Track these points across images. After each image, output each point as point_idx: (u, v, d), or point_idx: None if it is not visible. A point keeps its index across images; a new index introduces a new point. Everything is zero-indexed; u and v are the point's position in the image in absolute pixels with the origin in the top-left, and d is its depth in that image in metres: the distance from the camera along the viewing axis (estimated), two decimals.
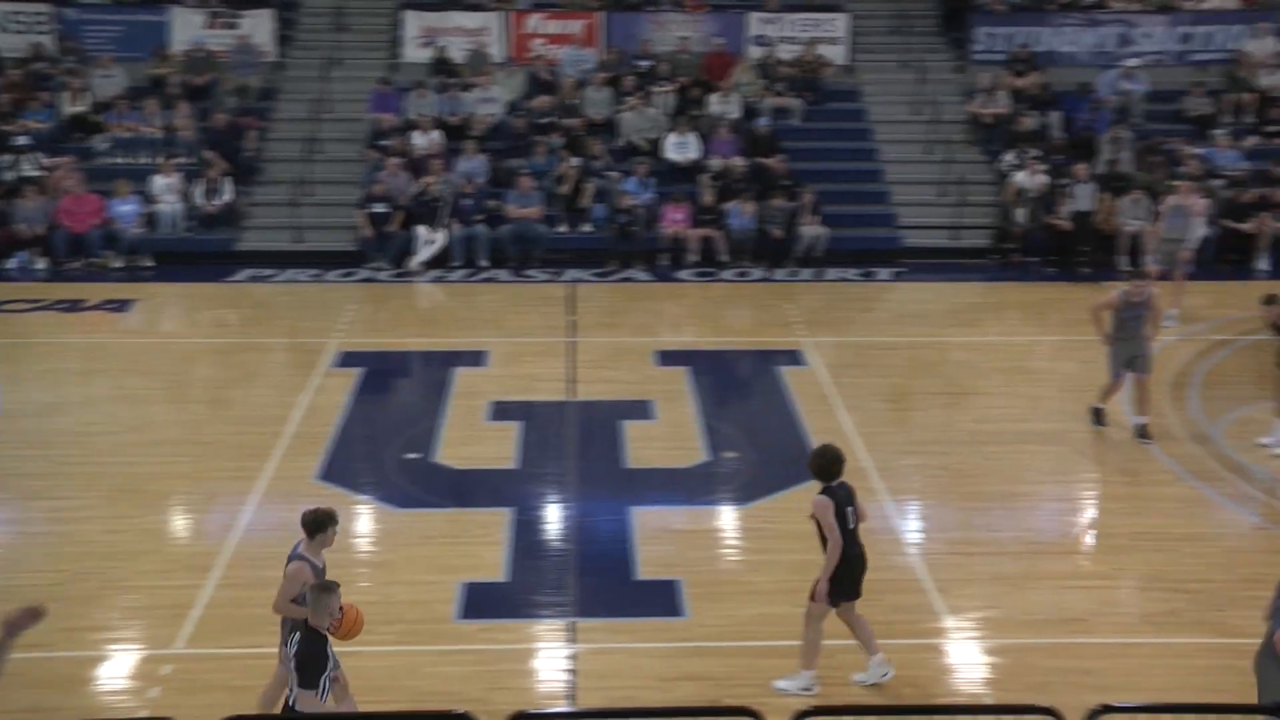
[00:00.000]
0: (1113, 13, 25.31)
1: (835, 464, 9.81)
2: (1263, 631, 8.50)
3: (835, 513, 9.66)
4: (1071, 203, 21.55)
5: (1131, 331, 14.52)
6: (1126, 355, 14.55)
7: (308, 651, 7.73)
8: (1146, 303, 14.50)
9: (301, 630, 7.84)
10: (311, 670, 7.71)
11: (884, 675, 9.92)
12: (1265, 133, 23.76)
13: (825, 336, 18.48)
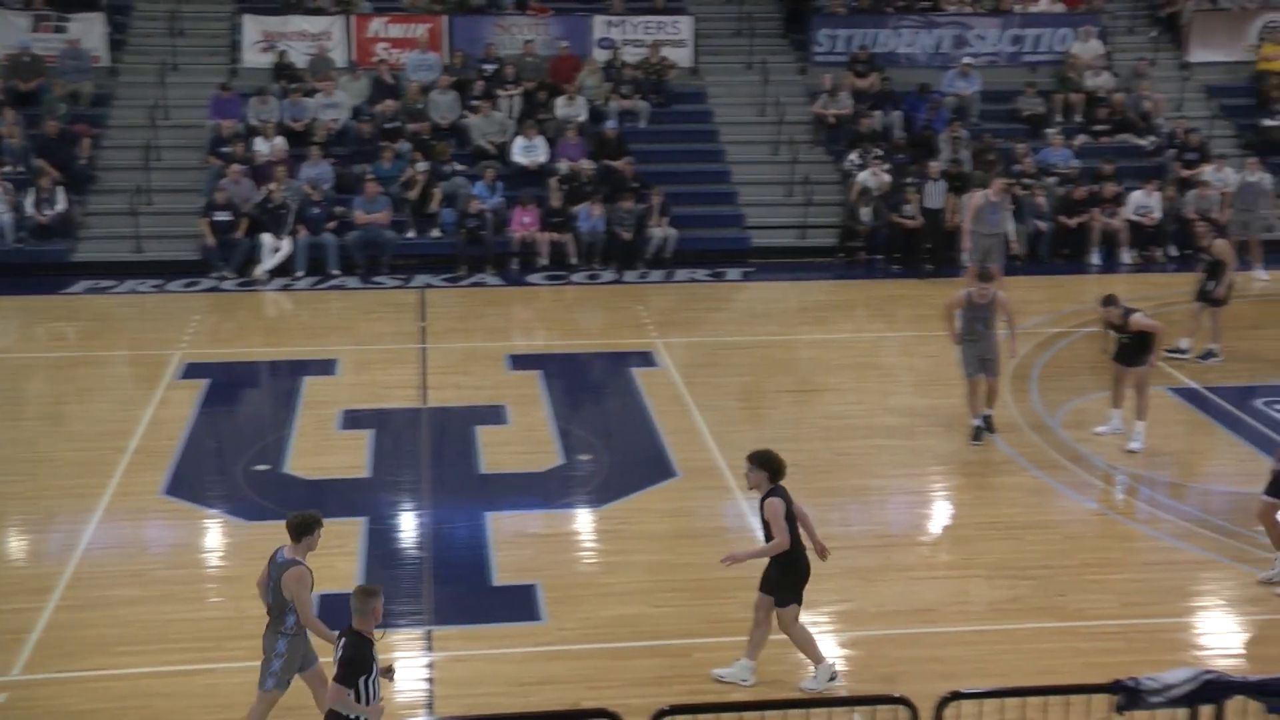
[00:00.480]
0: (948, 15, 25.92)
1: (782, 467, 9.94)
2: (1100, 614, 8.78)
3: (785, 514, 9.79)
4: (922, 200, 21.95)
5: (979, 333, 14.60)
6: (977, 357, 14.64)
7: (354, 655, 7.79)
8: (992, 304, 14.53)
9: (348, 635, 7.86)
10: (353, 671, 7.76)
11: (744, 680, 10.03)
12: (1093, 132, 24.54)
13: (676, 337, 18.61)
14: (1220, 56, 26.34)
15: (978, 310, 14.55)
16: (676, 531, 12.79)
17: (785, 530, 9.77)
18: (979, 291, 14.59)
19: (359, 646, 7.83)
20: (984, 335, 14.57)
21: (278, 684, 8.85)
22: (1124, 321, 14.30)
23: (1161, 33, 27.05)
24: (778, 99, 24.60)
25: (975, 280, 14.90)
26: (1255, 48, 26.11)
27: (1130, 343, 14.38)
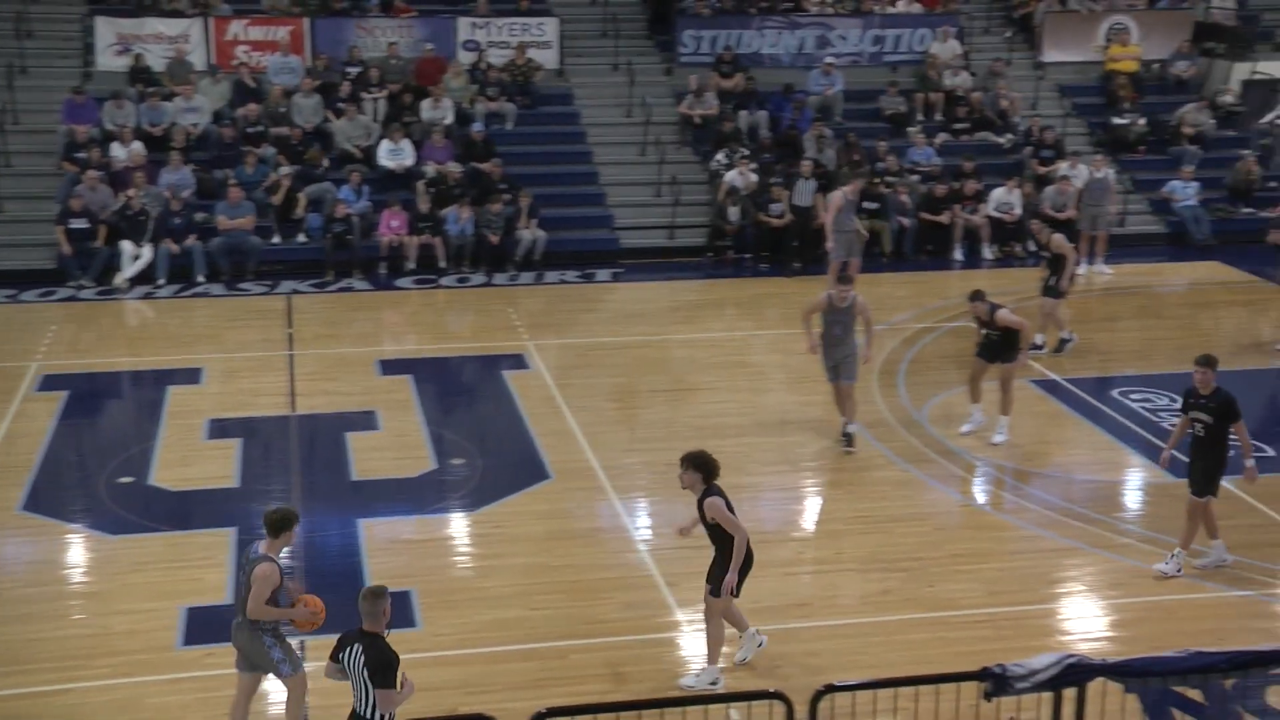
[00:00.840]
0: (810, 16, 26.24)
1: (716, 467, 10.05)
2: (968, 603, 8.97)
3: (729, 509, 9.90)
4: (792, 197, 22.17)
5: (836, 338, 14.58)
6: (832, 361, 14.64)
7: (380, 655, 7.83)
8: (852, 308, 14.49)
9: (363, 640, 7.90)
10: (387, 669, 7.81)
11: (759, 645, 10.34)
12: (953, 130, 25.04)
13: (548, 339, 18.59)
14: (1071, 57, 27.06)
15: (837, 314, 14.49)
16: (551, 534, 12.78)
17: (738, 524, 9.90)
18: (839, 294, 14.50)
19: (384, 649, 7.89)
20: (841, 340, 14.52)
21: (294, 666, 9.00)
22: (990, 317, 14.60)
23: (1016, 33, 27.70)
24: (644, 100, 24.70)
25: (836, 282, 14.82)
26: (1103, 48, 26.87)
27: (997, 339, 14.68)
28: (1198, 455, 11.78)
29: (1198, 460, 11.78)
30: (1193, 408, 11.78)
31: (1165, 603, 11.51)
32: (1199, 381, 11.68)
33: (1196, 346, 18.25)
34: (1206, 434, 11.70)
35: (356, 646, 7.95)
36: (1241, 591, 11.72)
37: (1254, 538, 12.58)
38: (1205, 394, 11.68)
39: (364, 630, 7.97)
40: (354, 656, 7.93)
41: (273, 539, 8.87)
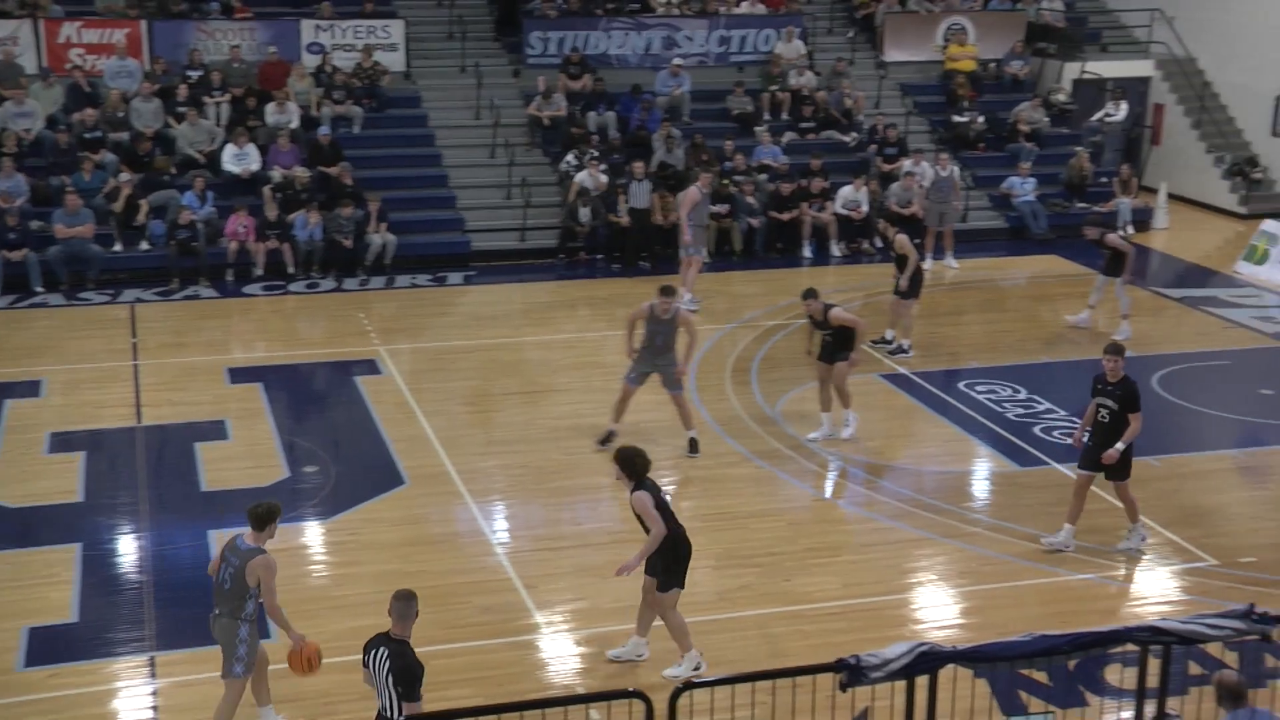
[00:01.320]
0: (657, 17, 26.39)
1: (646, 463, 10.25)
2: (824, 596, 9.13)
3: (655, 504, 10.07)
4: (628, 200, 22.30)
5: (659, 348, 14.41)
6: (645, 369, 14.51)
7: (406, 665, 7.80)
8: (674, 319, 14.37)
9: (390, 646, 7.87)
10: (413, 681, 7.79)
11: (640, 655, 10.40)
12: (800, 129, 25.40)
13: (401, 344, 18.42)
14: (912, 56, 27.62)
15: (660, 324, 14.37)
16: (408, 539, 12.68)
17: (659, 519, 10.04)
18: (662, 305, 14.28)
19: (411, 659, 7.87)
20: (663, 350, 14.43)
21: (246, 669, 9.12)
22: (825, 316, 14.79)
23: (858, 33, 28.18)
24: (492, 102, 24.59)
25: (659, 293, 14.43)
26: (942, 48, 27.49)
27: (833, 339, 14.87)
28: (1102, 441, 12.16)
29: (1102, 446, 12.14)
30: (1100, 394, 12.19)
31: (1011, 589, 11.83)
32: (1108, 369, 12.13)
33: (1038, 338, 18.92)
34: (1111, 420, 12.11)
35: (383, 651, 7.92)
36: (1083, 575, 12.10)
37: (1093, 523, 12.98)
38: (1113, 382, 12.14)
39: (392, 635, 7.96)
40: (380, 661, 7.90)
41: (258, 532, 9.08)
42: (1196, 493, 13.99)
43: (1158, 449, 14.92)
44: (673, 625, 10.32)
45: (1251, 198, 26.34)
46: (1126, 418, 12.04)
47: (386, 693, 7.87)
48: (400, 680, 7.80)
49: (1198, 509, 13.52)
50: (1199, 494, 13.97)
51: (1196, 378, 17.33)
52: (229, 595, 9.06)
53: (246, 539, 9.12)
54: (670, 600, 10.21)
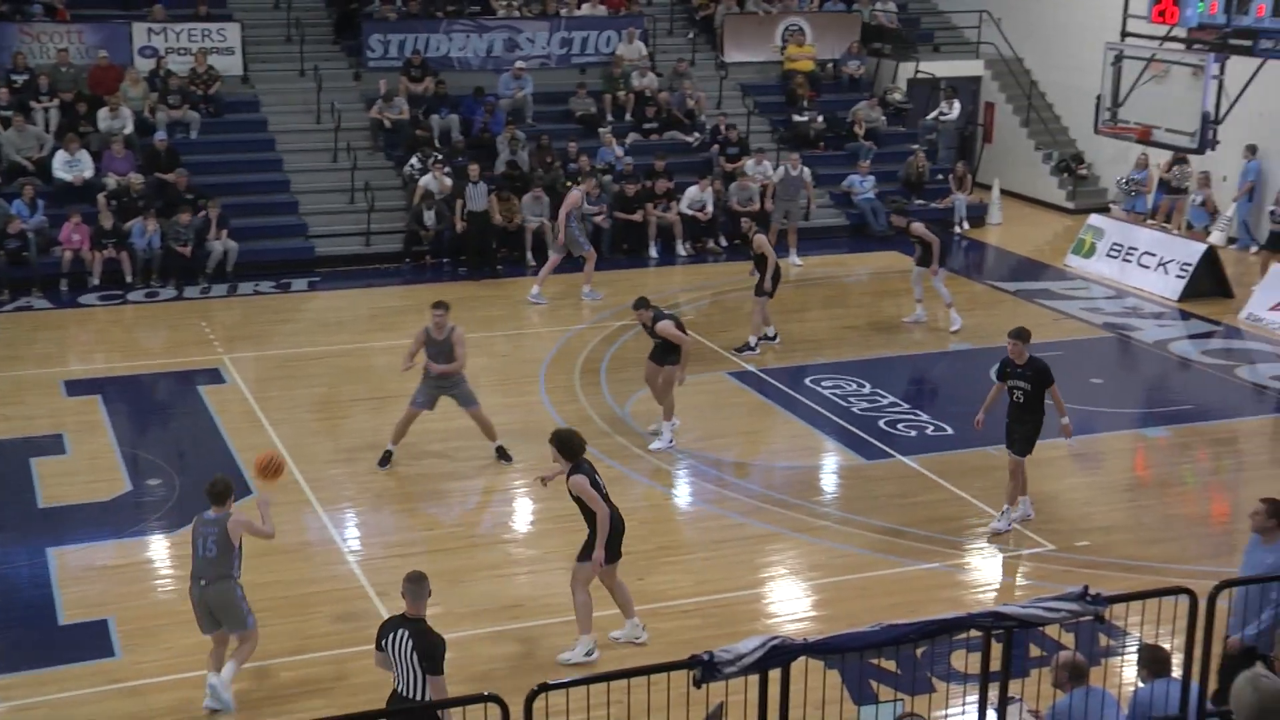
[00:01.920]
0: (498, 19, 26.30)
1: (582, 444, 10.61)
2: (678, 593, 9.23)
3: (591, 484, 10.33)
4: (465, 204, 22.17)
5: (427, 370, 14.15)
6: (434, 392, 14.23)
7: (429, 641, 8.21)
8: (449, 338, 14.08)
9: (409, 626, 8.25)
10: (437, 656, 8.19)
11: (638, 638, 10.64)
12: (643, 130, 25.55)
13: (245, 351, 18.10)
14: (752, 57, 27.97)
15: (436, 345, 14.10)
16: (257, 550, 12.38)
17: (599, 499, 10.33)
18: (436, 325, 14.06)
19: (433, 635, 8.27)
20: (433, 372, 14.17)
21: (253, 619, 10.01)
22: (652, 326, 14.83)
23: (698, 34, 28.44)
24: (333, 105, 24.28)
25: (431, 308, 14.19)
26: (781, 49, 27.90)
27: (665, 344, 14.90)
28: (1018, 420, 12.75)
29: (1018, 424, 12.74)
30: (1010, 376, 12.73)
31: (860, 580, 12.08)
32: (1012, 353, 12.72)
33: (880, 333, 19.31)
34: (1025, 400, 12.68)
35: (403, 631, 8.25)
36: (928, 565, 12.41)
37: (937, 512, 13.33)
38: (1020, 364, 12.72)
39: (408, 616, 8.32)
40: (400, 641, 8.22)
41: (219, 506, 9.91)
42: (1034, 480, 14.39)
43: (996, 439, 15.33)
44: (577, 602, 10.50)
45: (1078, 193, 27.25)
46: (1042, 395, 12.61)
47: (409, 671, 8.22)
48: (425, 656, 8.18)
49: (1035, 496, 13.93)
50: (1036, 481, 14.38)
51: None
52: (217, 561, 9.86)
53: (211, 512, 9.92)
54: (584, 573, 10.42)
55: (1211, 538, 13.31)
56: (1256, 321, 19.79)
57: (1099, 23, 22.72)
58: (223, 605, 9.88)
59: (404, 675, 8.28)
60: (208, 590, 9.86)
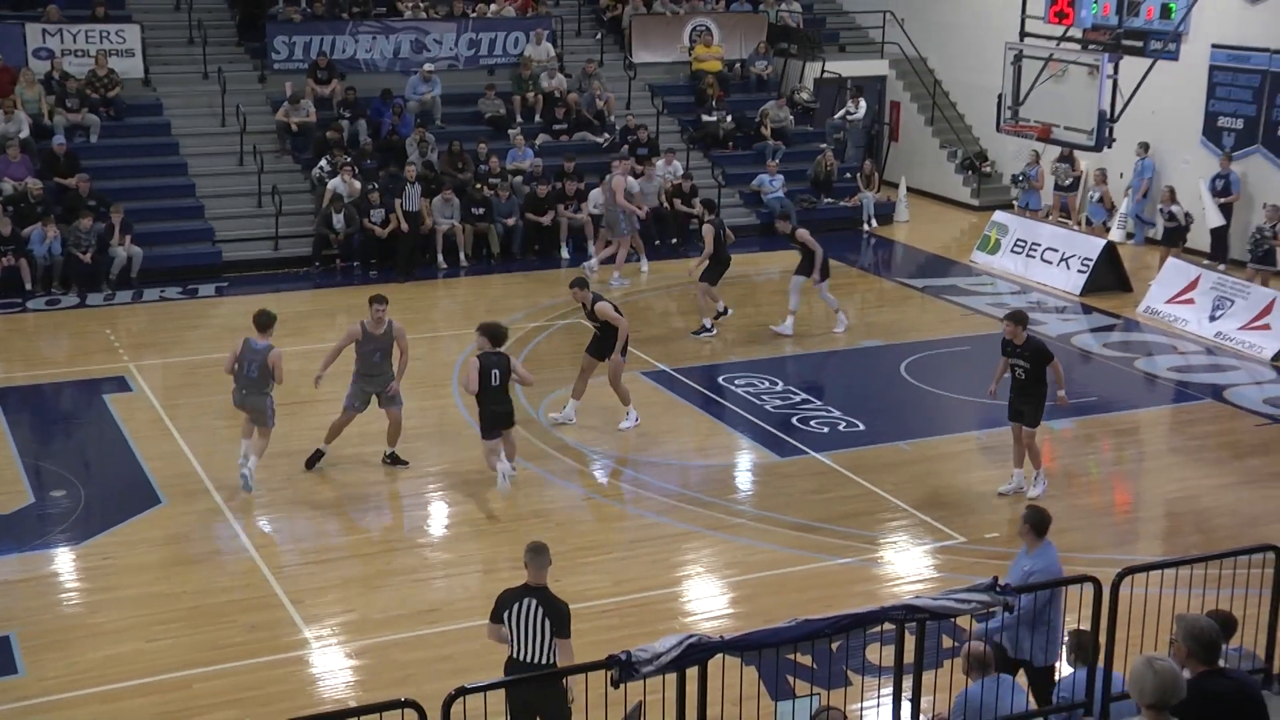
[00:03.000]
0: (405, 21, 26.13)
1: (501, 335, 13.55)
2: (595, 594, 9.23)
3: (480, 371, 13.06)
4: (404, 203, 21.98)
5: (376, 364, 14.06)
6: (371, 388, 14.14)
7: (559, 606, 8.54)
8: (389, 332, 14.01)
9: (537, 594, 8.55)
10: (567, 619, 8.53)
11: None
12: (553, 131, 25.52)
13: (152, 359, 17.83)
14: (660, 57, 28.05)
15: (375, 340, 14.01)
16: (168, 560, 12.30)
17: (475, 381, 13.16)
18: (374, 320, 13.96)
19: (560, 601, 8.59)
20: (380, 366, 14.09)
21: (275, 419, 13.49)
22: (591, 308, 14.98)
23: (606, 35, 28.48)
24: (238, 108, 23.98)
25: (371, 303, 14.12)
26: (689, 49, 28.01)
27: (602, 333, 15.06)
28: (1021, 395, 13.55)
29: (1022, 400, 13.54)
30: (1011, 355, 13.54)
31: (776, 577, 12.17)
32: (1009, 334, 13.50)
33: (793, 331, 19.43)
34: (1027, 377, 13.43)
35: (531, 600, 8.51)
36: (842, 560, 12.53)
37: (851, 508, 13.47)
38: (1019, 344, 13.44)
39: (532, 585, 8.59)
40: (530, 610, 8.47)
41: (263, 332, 13.25)
42: (944, 474, 14.63)
43: (907, 434, 15.56)
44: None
45: (983, 190, 27.67)
46: (1044, 371, 13.35)
47: (539, 638, 8.45)
48: (556, 620, 8.47)
49: (946, 490, 14.15)
50: (947, 475, 14.61)
51: (940, 364, 18.10)
52: (257, 381, 13.25)
53: (256, 340, 13.23)
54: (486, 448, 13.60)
55: (1115, 526, 13.59)
56: (1154, 314, 20.22)
57: (999, 23, 23.11)
58: (255, 410, 13.30)
59: (531, 642, 8.49)
60: (246, 398, 13.33)
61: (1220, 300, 19.50)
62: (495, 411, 13.38)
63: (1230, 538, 12.46)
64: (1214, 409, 16.74)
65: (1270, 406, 16.76)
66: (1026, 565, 9.26)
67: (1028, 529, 9.37)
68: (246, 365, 13.21)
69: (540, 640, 8.50)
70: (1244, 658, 8.55)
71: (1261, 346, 18.53)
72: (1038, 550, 9.31)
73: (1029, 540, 9.39)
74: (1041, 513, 9.46)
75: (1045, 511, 9.50)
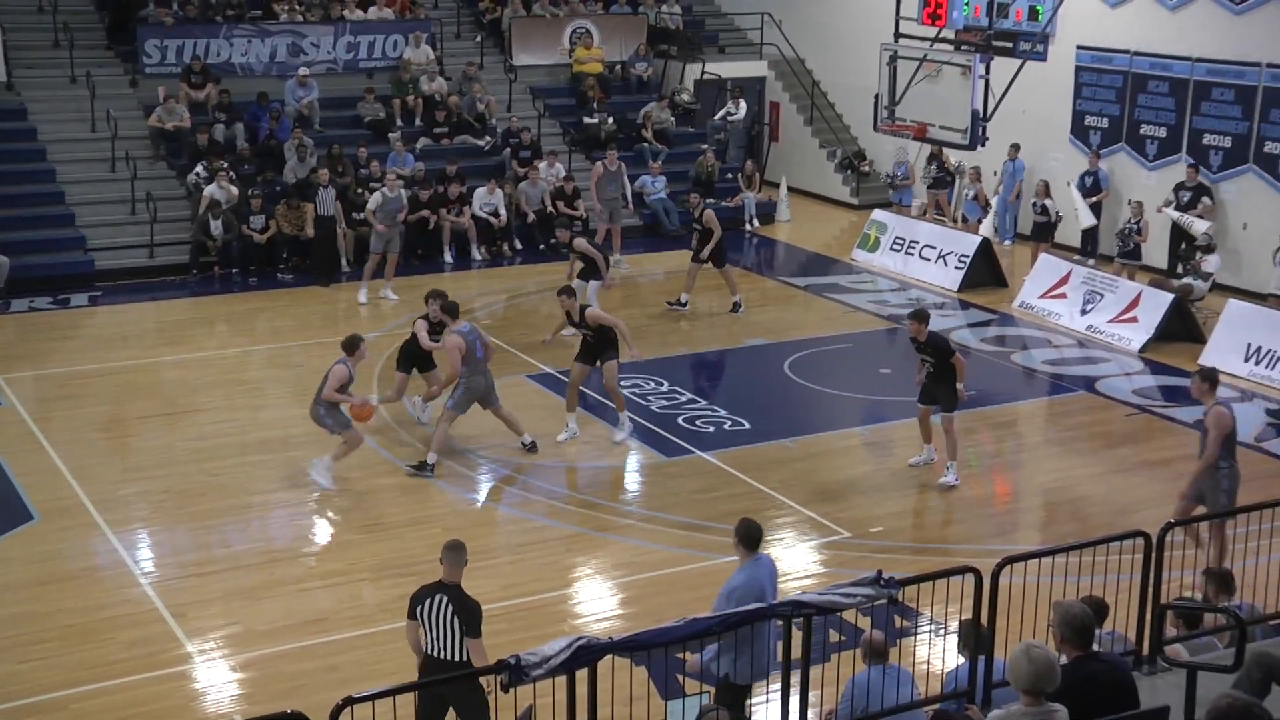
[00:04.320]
0: (280, 24, 25.77)
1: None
2: (487, 598, 9.19)
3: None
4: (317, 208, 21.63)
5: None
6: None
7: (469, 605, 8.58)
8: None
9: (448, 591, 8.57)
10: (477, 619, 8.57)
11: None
12: (434, 134, 25.36)
13: (22, 371, 17.38)
14: (540, 60, 28.01)
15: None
16: (41, 578, 12.00)
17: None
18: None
19: (472, 600, 8.61)
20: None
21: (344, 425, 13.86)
22: (581, 316, 14.96)
23: (486, 37, 28.36)
24: (109, 113, 23.45)
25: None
26: (569, 51, 28.02)
27: (594, 339, 14.98)
28: (936, 383, 14.16)
29: (937, 387, 14.16)
30: (919, 351, 14.26)
31: (665, 576, 12.22)
32: (913, 332, 14.14)
33: (678, 331, 19.55)
34: (936, 369, 14.12)
35: (441, 597, 8.53)
36: (730, 558, 12.50)
37: (738, 506, 13.54)
38: (922, 341, 14.10)
39: (446, 583, 8.61)
40: (440, 606, 8.50)
41: (350, 355, 13.74)
42: (829, 470, 14.80)
43: (791, 431, 15.72)
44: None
45: (862, 189, 28.04)
46: (948, 364, 14.01)
47: (449, 635, 8.50)
48: (466, 619, 8.50)
49: (831, 485, 14.32)
50: (831, 471, 14.79)
51: (823, 361, 18.31)
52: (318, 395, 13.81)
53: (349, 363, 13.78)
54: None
55: (995, 518, 13.86)
56: (1028, 309, 20.66)
57: (874, 24, 23.38)
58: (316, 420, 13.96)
59: (442, 639, 8.54)
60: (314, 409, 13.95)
61: (1090, 294, 19.99)
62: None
63: (1104, 525, 12.76)
64: (1087, 400, 17.15)
65: (1139, 397, 17.22)
66: (735, 580, 8.72)
67: (736, 541, 8.84)
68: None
69: (450, 638, 8.57)
70: (1116, 641, 8.79)
71: (1130, 339, 19.03)
72: (747, 564, 8.79)
73: (739, 554, 8.86)
74: (751, 525, 8.89)
75: (756, 524, 8.94)
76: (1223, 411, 11.85)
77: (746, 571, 8.77)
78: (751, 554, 8.84)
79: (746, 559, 8.83)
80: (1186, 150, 22.10)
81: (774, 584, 8.89)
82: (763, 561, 8.92)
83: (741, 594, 8.53)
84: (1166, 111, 22.44)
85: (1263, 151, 21.04)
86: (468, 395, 14.37)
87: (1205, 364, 14.97)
